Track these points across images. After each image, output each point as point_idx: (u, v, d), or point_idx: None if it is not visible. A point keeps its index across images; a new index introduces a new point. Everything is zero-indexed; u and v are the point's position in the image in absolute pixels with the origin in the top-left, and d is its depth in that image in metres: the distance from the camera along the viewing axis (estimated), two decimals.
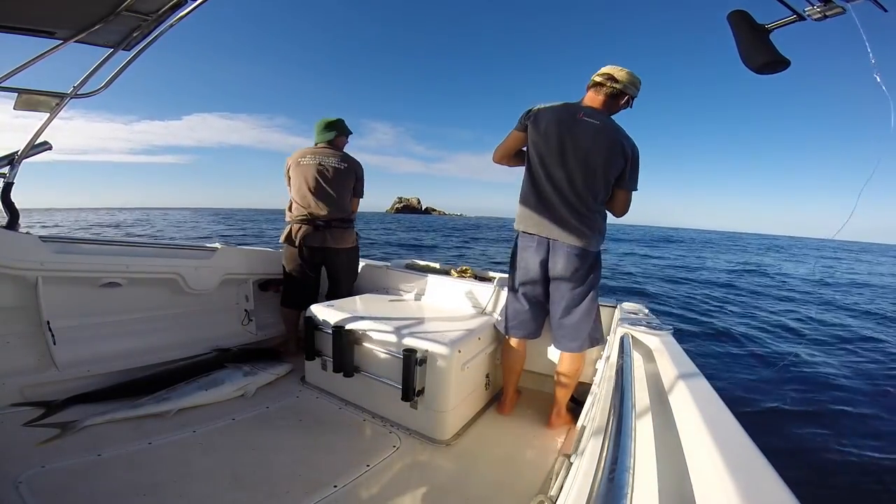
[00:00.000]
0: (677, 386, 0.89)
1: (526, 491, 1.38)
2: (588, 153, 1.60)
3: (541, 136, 1.66)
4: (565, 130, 1.62)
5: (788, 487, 0.51)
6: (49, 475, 1.25)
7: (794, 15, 0.91)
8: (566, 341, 1.75)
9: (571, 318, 1.72)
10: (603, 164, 1.61)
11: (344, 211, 2.34)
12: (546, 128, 1.65)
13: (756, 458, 0.58)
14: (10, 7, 1.29)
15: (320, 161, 2.28)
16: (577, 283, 1.70)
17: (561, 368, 1.79)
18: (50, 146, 1.76)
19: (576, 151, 1.61)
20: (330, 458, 1.48)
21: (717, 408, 0.74)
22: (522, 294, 1.79)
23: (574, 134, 1.61)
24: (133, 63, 1.68)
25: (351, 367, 1.79)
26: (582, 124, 1.62)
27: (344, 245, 2.34)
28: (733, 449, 0.59)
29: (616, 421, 0.74)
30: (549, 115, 1.66)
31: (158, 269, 2.04)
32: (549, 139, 1.64)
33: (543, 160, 1.66)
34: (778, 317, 6.73)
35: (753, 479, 0.53)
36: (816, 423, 3.06)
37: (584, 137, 1.61)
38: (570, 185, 1.63)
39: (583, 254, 1.67)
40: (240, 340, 2.35)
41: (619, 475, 0.56)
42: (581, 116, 1.62)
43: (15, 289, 1.68)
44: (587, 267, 1.70)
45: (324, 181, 2.27)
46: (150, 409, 1.64)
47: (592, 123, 1.61)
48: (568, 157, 1.62)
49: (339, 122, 2.42)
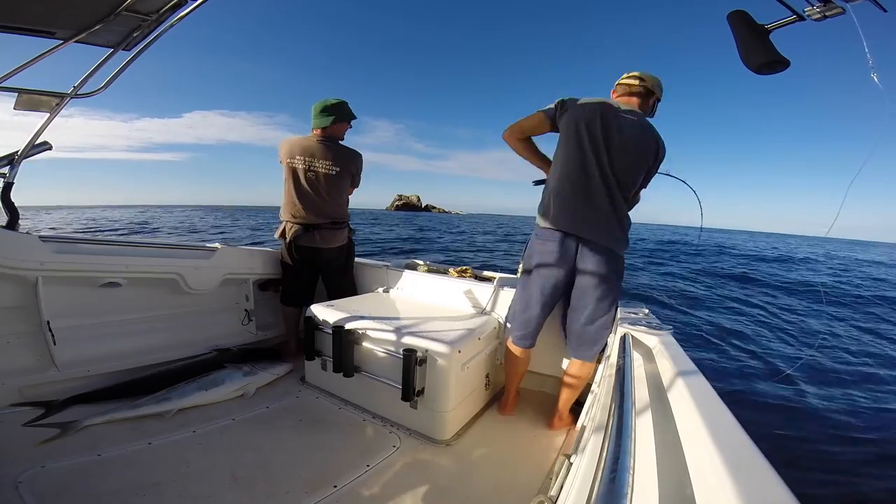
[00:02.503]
0: (677, 386, 0.89)
1: (526, 491, 1.38)
2: (632, 146, 1.57)
3: (583, 123, 1.59)
4: (611, 120, 1.58)
5: (788, 487, 0.51)
6: (49, 475, 1.25)
7: (793, 15, 0.91)
8: (584, 349, 1.69)
9: (594, 327, 1.65)
10: (643, 159, 1.60)
11: (335, 215, 2.26)
12: (588, 117, 1.59)
13: (756, 457, 0.58)
14: (10, 7, 1.30)
15: (310, 165, 2.15)
16: (605, 291, 1.62)
17: (572, 371, 1.74)
18: (50, 146, 1.75)
19: (622, 144, 1.57)
20: (330, 458, 1.48)
21: (717, 407, 0.74)
22: (539, 300, 1.71)
23: (619, 125, 1.58)
24: (133, 62, 1.68)
25: (351, 367, 1.79)
26: (624, 119, 1.59)
27: (334, 244, 2.28)
28: (733, 449, 0.60)
29: (616, 421, 0.74)
30: (590, 107, 1.60)
31: (158, 269, 2.04)
32: (592, 128, 1.57)
33: (584, 148, 1.58)
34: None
35: (753, 478, 0.53)
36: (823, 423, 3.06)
37: (629, 130, 1.58)
38: (613, 175, 1.57)
39: (613, 257, 1.61)
40: (240, 340, 2.35)
41: (619, 475, 0.56)
42: (622, 112, 1.60)
43: (15, 289, 1.68)
44: (617, 273, 1.63)
45: (315, 189, 2.17)
46: (150, 409, 1.64)
47: (633, 119, 1.60)
48: (612, 147, 1.57)
49: (339, 105, 2.19)
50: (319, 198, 2.19)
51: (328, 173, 2.17)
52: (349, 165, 2.24)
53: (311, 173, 2.16)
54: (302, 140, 2.19)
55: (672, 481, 0.68)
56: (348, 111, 2.22)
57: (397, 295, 2.43)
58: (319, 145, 2.17)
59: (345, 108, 2.21)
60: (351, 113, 2.24)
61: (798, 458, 2.58)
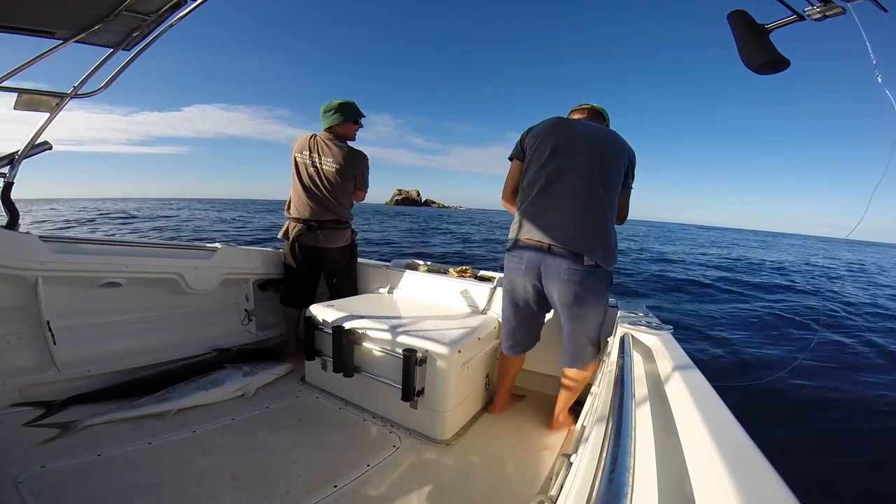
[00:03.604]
0: (677, 385, 0.89)
1: (526, 491, 1.38)
2: (598, 144, 1.58)
3: (541, 137, 1.63)
4: (566, 124, 1.64)
5: (788, 487, 0.51)
6: (49, 475, 1.25)
7: (793, 15, 0.91)
8: (569, 360, 1.68)
9: (573, 343, 1.64)
10: (613, 158, 1.58)
11: (338, 213, 2.26)
12: (544, 131, 1.64)
13: (756, 457, 0.58)
14: (10, 7, 1.29)
15: (315, 161, 2.17)
16: (578, 308, 1.54)
17: (569, 374, 1.73)
18: (50, 146, 1.76)
19: (585, 137, 1.58)
20: (330, 458, 1.48)
21: (717, 407, 0.74)
22: (514, 314, 1.73)
23: (581, 130, 1.62)
24: (133, 61, 1.68)
25: (351, 367, 1.79)
26: (582, 124, 1.66)
27: (336, 244, 2.29)
28: (733, 448, 0.59)
29: (616, 421, 0.74)
30: (544, 124, 1.68)
31: (158, 269, 2.04)
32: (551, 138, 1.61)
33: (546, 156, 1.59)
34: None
35: (753, 478, 0.53)
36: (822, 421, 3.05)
37: (590, 132, 1.61)
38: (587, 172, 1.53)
39: (588, 271, 1.48)
40: (240, 340, 2.35)
41: (619, 475, 0.56)
42: (575, 119, 1.69)
43: (15, 289, 1.68)
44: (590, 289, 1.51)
45: (316, 185, 2.19)
46: (150, 409, 1.64)
47: (591, 123, 1.66)
48: (577, 145, 1.57)
49: (346, 105, 2.19)
50: (321, 194, 2.21)
51: (329, 170, 2.19)
52: (352, 165, 2.24)
53: (312, 169, 2.19)
54: (311, 137, 2.23)
55: (672, 481, 0.68)
56: (354, 110, 2.24)
57: (397, 295, 2.43)
58: (324, 143, 2.21)
59: (351, 108, 2.22)
60: (357, 112, 2.25)
61: (798, 458, 2.57)
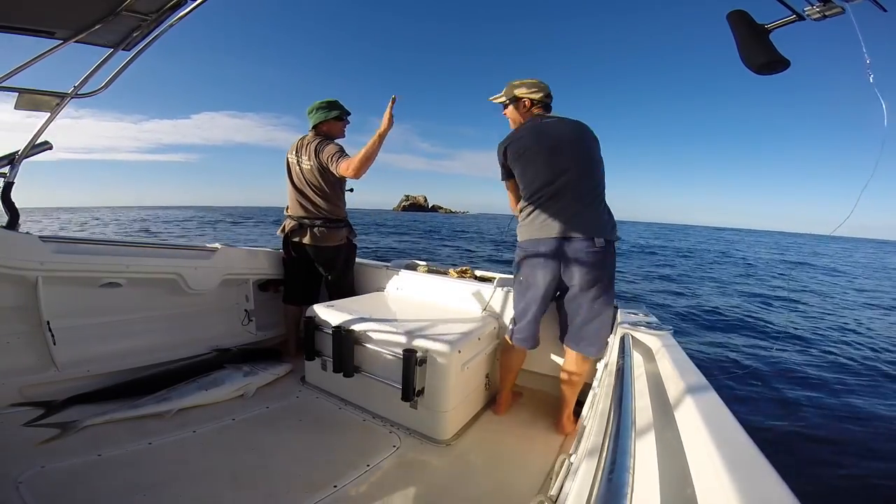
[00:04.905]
0: (677, 386, 0.89)
1: (526, 491, 1.38)
2: (579, 140, 1.67)
3: (525, 151, 1.69)
4: (544, 134, 1.68)
5: (789, 487, 0.51)
6: (49, 475, 1.25)
7: (793, 15, 0.91)
8: (585, 345, 1.68)
9: (593, 325, 1.65)
10: (592, 146, 1.68)
11: (329, 212, 2.26)
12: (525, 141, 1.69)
13: (756, 457, 0.58)
14: (10, 7, 1.29)
15: (300, 161, 2.23)
16: (598, 289, 1.62)
17: (571, 368, 1.74)
18: (50, 146, 1.75)
19: (571, 144, 1.66)
20: (330, 458, 1.48)
21: (718, 407, 0.74)
22: (532, 307, 1.73)
23: (557, 131, 1.67)
24: (138, 63, 1.69)
25: (351, 367, 1.79)
26: (555, 124, 1.70)
27: (330, 243, 2.28)
28: (734, 448, 0.59)
29: (616, 421, 0.74)
30: (522, 133, 1.72)
31: (158, 269, 2.04)
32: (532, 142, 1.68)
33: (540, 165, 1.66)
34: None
35: (754, 478, 0.53)
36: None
37: (566, 130, 1.68)
38: (577, 173, 1.63)
39: (602, 250, 1.60)
40: (240, 340, 2.35)
41: (619, 475, 0.56)
42: (541, 121, 1.72)
43: (15, 289, 1.68)
44: (607, 266, 1.64)
45: (303, 184, 2.23)
46: (150, 409, 1.64)
47: (560, 121, 1.71)
48: (564, 148, 1.65)
49: (327, 104, 2.22)
50: (308, 193, 2.24)
51: (307, 169, 2.22)
52: (320, 156, 2.15)
53: (297, 168, 2.24)
54: (297, 140, 2.30)
55: (672, 481, 0.68)
56: (335, 107, 2.24)
57: (397, 295, 2.43)
58: (307, 143, 2.24)
59: (331, 106, 2.23)
60: (340, 109, 2.26)
61: (800, 458, 2.58)
